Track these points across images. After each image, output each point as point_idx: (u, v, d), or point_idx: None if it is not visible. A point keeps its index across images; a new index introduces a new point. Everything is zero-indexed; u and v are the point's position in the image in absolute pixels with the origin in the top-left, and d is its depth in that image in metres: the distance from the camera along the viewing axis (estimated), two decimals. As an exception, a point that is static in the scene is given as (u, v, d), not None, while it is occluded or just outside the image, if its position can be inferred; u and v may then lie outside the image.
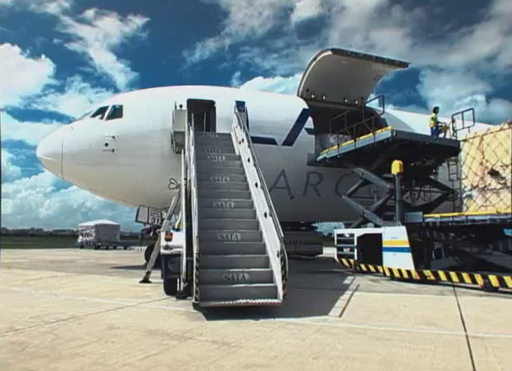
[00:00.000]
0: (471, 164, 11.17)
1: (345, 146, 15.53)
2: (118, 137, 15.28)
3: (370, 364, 4.32)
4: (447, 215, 11.64)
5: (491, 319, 6.75)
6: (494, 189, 10.47)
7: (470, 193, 11.13)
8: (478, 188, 10.87)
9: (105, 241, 41.54)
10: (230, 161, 11.54)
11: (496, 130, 10.61)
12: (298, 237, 23.04)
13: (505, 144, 10.29)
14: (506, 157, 10.26)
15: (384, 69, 18.87)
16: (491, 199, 10.50)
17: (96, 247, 40.57)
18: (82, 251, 35.73)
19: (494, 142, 10.56)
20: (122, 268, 17.01)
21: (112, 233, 42.51)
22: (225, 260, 7.79)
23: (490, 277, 9.85)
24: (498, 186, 10.39)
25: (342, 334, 5.60)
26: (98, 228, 41.40)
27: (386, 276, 12.51)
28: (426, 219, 11.99)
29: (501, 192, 10.30)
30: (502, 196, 10.26)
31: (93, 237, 41.15)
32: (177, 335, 5.57)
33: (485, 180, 10.73)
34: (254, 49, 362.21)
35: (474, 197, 10.96)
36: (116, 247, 42.27)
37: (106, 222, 43.51)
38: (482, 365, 4.28)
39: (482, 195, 10.77)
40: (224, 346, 5.03)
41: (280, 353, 4.73)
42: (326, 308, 7.45)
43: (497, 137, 10.54)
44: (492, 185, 10.53)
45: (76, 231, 45.24)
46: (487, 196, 10.62)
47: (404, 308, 7.75)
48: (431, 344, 5.08)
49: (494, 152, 10.54)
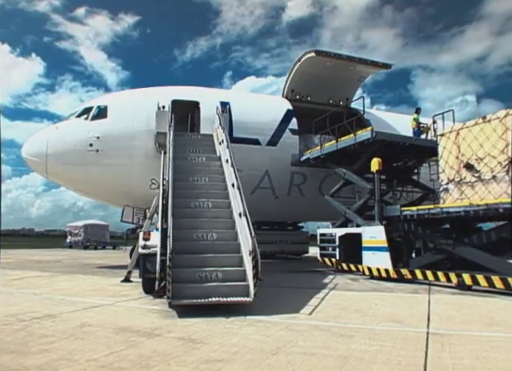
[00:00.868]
0: (448, 158, 11.34)
1: (327, 147, 15.71)
2: (102, 137, 15.35)
3: (326, 359, 4.47)
4: (423, 208, 11.89)
5: (457, 316, 6.91)
6: (469, 183, 10.66)
7: (446, 187, 11.30)
8: (454, 181, 11.04)
9: (93, 241, 41.43)
10: (210, 162, 11.66)
11: (471, 125, 10.80)
12: (284, 237, 23.23)
13: (479, 138, 10.49)
14: (480, 151, 10.45)
15: (368, 70, 19.07)
16: (466, 192, 10.67)
17: (85, 247, 40.44)
18: (70, 251, 35.67)
19: (470, 136, 10.75)
20: (107, 268, 17.08)
21: (101, 232, 42.41)
22: (199, 259, 7.93)
23: (464, 275, 10.05)
24: (472, 179, 10.58)
25: (307, 331, 5.75)
26: (86, 228, 41.29)
27: (366, 275, 12.70)
28: (404, 212, 12.19)
29: (475, 185, 10.48)
30: (476, 189, 10.44)
31: (81, 237, 41.01)
32: (146, 332, 5.70)
33: (460, 173, 10.91)
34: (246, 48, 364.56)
35: (451, 191, 11.13)
36: (105, 247, 42.19)
37: (95, 222, 43.39)
38: (434, 360, 4.44)
39: (457, 188, 10.94)
40: (189, 343, 5.17)
41: (242, 348, 4.88)
42: (299, 306, 7.61)
43: (472, 131, 10.72)
44: (467, 179, 10.71)
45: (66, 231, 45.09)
46: (463, 189, 10.79)
47: (375, 306, 7.92)
48: (391, 340, 5.24)
49: (470, 146, 10.73)
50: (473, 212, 10.12)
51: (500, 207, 9.57)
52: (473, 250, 10.42)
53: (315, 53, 17.32)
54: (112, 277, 12.63)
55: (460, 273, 10.16)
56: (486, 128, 10.36)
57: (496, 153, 10.05)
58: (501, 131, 9.99)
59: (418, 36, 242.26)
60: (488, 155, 10.24)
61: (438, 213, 11.05)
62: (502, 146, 9.94)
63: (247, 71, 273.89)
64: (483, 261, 10.09)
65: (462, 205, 10.46)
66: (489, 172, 10.19)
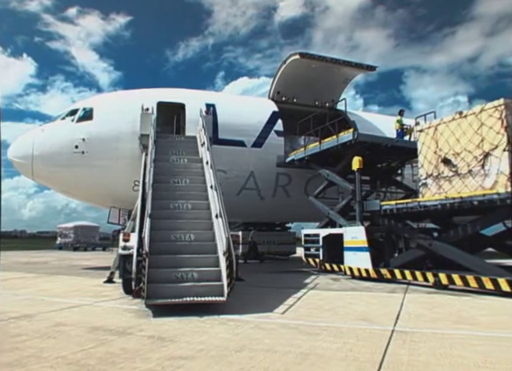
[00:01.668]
0: (426, 153, 11.51)
1: (311, 148, 15.87)
2: (88, 139, 15.43)
3: (287, 356, 4.60)
4: (402, 201, 12.10)
5: (426, 315, 7.06)
6: (446, 177, 10.84)
7: (425, 182, 11.48)
8: (433, 176, 11.21)
9: (83, 242, 41.37)
10: (191, 164, 11.76)
11: (448, 120, 10.98)
12: (272, 238, 23.43)
13: (456, 133, 10.68)
14: (457, 146, 10.64)
15: (353, 72, 19.25)
16: (444, 186, 10.85)
17: (74, 248, 40.40)
18: (59, 253, 35.63)
19: (447, 131, 10.92)
20: (93, 269, 17.15)
21: (91, 234, 42.38)
22: (176, 260, 8.05)
23: (441, 275, 10.22)
24: (450, 174, 10.76)
25: (275, 330, 5.88)
26: (76, 229, 41.24)
27: (347, 275, 12.85)
28: (384, 206, 12.38)
29: (452, 179, 10.66)
30: (453, 183, 10.62)
31: (71, 238, 40.95)
32: (118, 331, 5.83)
33: (438, 168, 11.09)
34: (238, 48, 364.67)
35: (429, 185, 11.30)
36: (95, 248, 42.16)
37: (85, 224, 43.34)
38: (391, 356, 4.58)
39: (436, 183, 11.11)
40: (158, 341, 5.30)
41: (208, 346, 5.01)
42: (274, 305, 7.74)
43: (449, 126, 10.90)
44: (445, 173, 10.89)
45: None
46: (440, 183, 10.97)
47: (349, 305, 8.07)
48: (355, 338, 5.38)
49: (447, 141, 10.90)
50: (449, 205, 10.34)
51: (474, 200, 9.79)
52: (448, 247, 10.58)
53: (300, 56, 17.49)
54: (96, 278, 12.71)
55: (437, 273, 10.33)
56: (463, 123, 10.57)
57: (472, 148, 10.25)
58: (476, 126, 10.20)
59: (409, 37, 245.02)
60: (464, 150, 10.44)
61: (416, 207, 11.25)
62: (477, 141, 10.14)
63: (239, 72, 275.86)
64: (459, 259, 10.26)
65: (439, 198, 10.68)
66: (465, 166, 10.39)
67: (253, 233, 22.59)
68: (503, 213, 9.86)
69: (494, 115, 9.86)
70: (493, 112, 9.90)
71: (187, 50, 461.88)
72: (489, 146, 9.86)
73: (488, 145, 9.88)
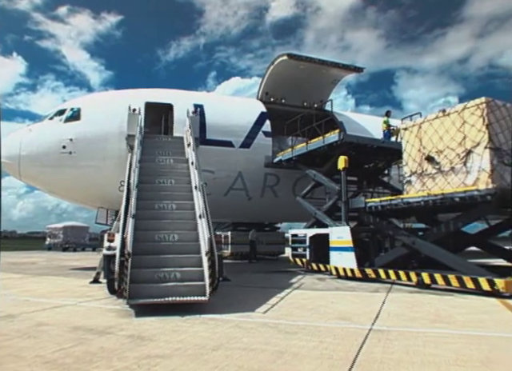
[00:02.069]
0: (411, 151, 11.66)
1: (298, 149, 15.98)
2: (75, 139, 15.41)
3: (263, 354, 4.67)
4: (386, 199, 12.26)
5: (405, 314, 7.15)
6: (430, 174, 10.99)
7: (409, 179, 11.63)
8: (417, 173, 11.36)
9: (73, 242, 41.15)
10: (177, 164, 11.80)
11: (432, 118, 11.14)
12: (260, 238, 23.46)
13: (439, 131, 10.83)
14: (440, 144, 10.79)
15: (340, 73, 19.38)
16: (428, 184, 10.99)
17: (63, 249, 40.21)
18: (48, 253, 35.47)
19: (431, 130, 11.07)
20: (81, 269, 17.11)
21: (81, 234, 42.17)
22: (159, 260, 8.10)
23: (423, 274, 10.34)
24: (433, 171, 10.91)
25: (254, 329, 5.95)
26: (66, 229, 41.02)
27: (333, 274, 12.95)
28: (369, 204, 12.53)
29: (436, 176, 10.81)
30: (437, 180, 10.77)
31: (61, 238, 40.73)
32: (99, 330, 5.88)
33: (422, 165, 11.23)
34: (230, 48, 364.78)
35: (413, 183, 11.45)
36: (84, 249, 41.97)
37: (75, 224, 43.11)
38: (365, 354, 4.66)
39: (419, 180, 11.26)
40: (137, 340, 5.35)
41: (186, 345, 5.07)
42: (257, 305, 7.81)
43: (432, 124, 11.05)
44: (428, 171, 11.04)
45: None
46: (424, 180, 11.12)
47: (331, 304, 8.15)
48: (332, 337, 5.46)
49: (430, 139, 11.05)
50: (431, 201, 10.52)
51: (455, 196, 9.97)
52: (431, 246, 10.72)
53: (288, 57, 17.59)
54: (82, 279, 12.71)
55: (419, 273, 10.45)
56: (446, 121, 10.73)
57: (454, 146, 10.41)
58: (459, 124, 10.35)
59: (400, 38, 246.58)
60: (447, 147, 10.60)
61: (400, 204, 11.41)
62: (459, 139, 10.30)
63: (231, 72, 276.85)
64: (441, 258, 10.39)
65: (421, 195, 10.86)
66: (448, 164, 10.55)
67: (253, 232, 22.68)
68: (484, 210, 10.02)
69: (475, 113, 10.03)
70: (475, 110, 10.06)
71: (179, 50, 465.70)
72: (471, 144, 10.02)
73: (470, 142, 10.03)
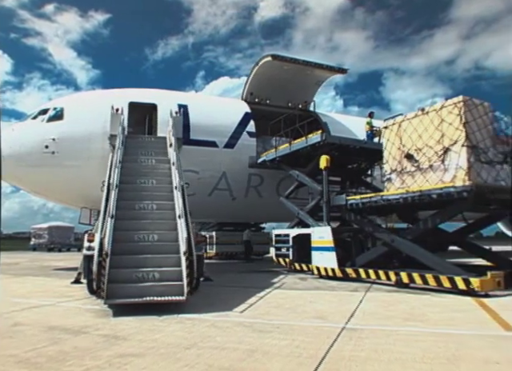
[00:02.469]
0: (391, 149, 11.82)
1: (281, 149, 16.06)
2: (58, 139, 15.34)
3: (234, 352, 4.75)
4: (366, 196, 12.43)
5: (380, 313, 7.26)
6: (409, 172, 11.15)
7: (389, 177, 11.79)
8: (397, 171, 11.53)
9: (58, 243, 40.88)
10: (159, 165, 11.81)
11: (411, 117, 11.31)
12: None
13: (418, 129, 11.00)
14: (419, 142, 10.95)
15: (325, 74, 19.51)
16: (407, 181, 11.16)
17: (48, 249, 39.94)
18: (33, 253, 35.25)
19: (410, 128, 11.24)
20: (64, 269, 17.05)
21: (66, 234, 41.87)
22: (137, 260, 8.13)
23: (402, 274, 10.47)
24: (412, 169, 11.07)
25: (230, 328, 6.02)
26: (51, 230, 40.75)
27: (315, 274, 13.06)
28: (349, 201, 12.69)
29: (415, 174, 10.98)
30: (416, 178, 10.94)
31: (46, 239, 40.46)
32: (75, 330, 5.92)
33: (402, 163, 11.40)
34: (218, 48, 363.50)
35: (393, 180, 11.61)
36: (70, 249, 41.67)
37: (60, 224, 42.82)
38: (335, 352, 4.75)
39: (399, 178, 11.43)
40: (112, 339, 5.40)
41: (160, 344, 5.13)
42: (235, 304, 7.88)
43: (412, 123, 11.22)
44: (408, 168, 11.20)
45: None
46: (404, 178, 11.28)
47: (309, 304, 8.24)
48: (305, 335, 5.55)
49: (410, 137, 11.21)
50: (410, 198, 10.69)
51: (432, 193, 10.14)
52: (409, 244, 10.89)
53: (272, 58, 17.68)
54: (64, 279, 12.67)
55: (398, 272, 10.58)
56: (425, 120, 10.90)
57: (433, 144, 10.58)
58: (437, 122, 10.53)
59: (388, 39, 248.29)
60: (426, 145, 10.77)
61: (379, 201, 11.59)
62: (438, 137, 10.47)
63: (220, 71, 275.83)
64: (419, 256, 10.55)
65: (400, 192, 11.03)
66: (426, 161, 10.72)
67: (247, 232, 22.81)
68: (460, 206, 10.19)
69: (453, 112, 10.20)
70: (452, 108, 10.24)
71: (167, 49, 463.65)
72: (448, 142, 10.19)
73: (448, 140, 10.21)
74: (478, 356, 4.61)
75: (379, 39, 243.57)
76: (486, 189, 9.78)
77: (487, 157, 10.16)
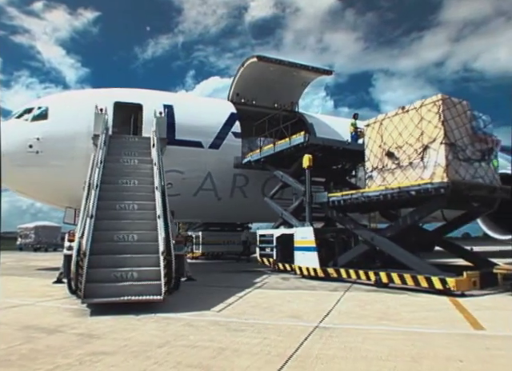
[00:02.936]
0: (372, 147, 11.97)
1: (266, 150, 16.14)
2: (42, 139, 15.30)
3: (205, 350, 4.83)
4: (347, 193, 12.56)
5: (355, 312, 7.36)
6: (390, 169, 11.31)
7: (371, 174, 11.94)
8: (378, 169, 11.68)
9: (44, 242, 40.64)
10: (142, 165, 11.83)
11: (392, 115, 11.46)
12: (231, 238, 23.68)
13: (399, 127, 11.16)
14: (399, 140, 11.11)
15: (310, 76, 19.61)
16: (388, 178, 11.31)
17: (35, 249, 39.70)
18: (19, 253, 35.02)
19: (391, 126, 11.40)
20: (48, 269, 16.99)
21: (52, 234, 41.57)
22: (116, 259, 8.18)
23: (381, 273, 10.60)
24: (393, 166, 11.23)
25: (205, 327, 6.10)
26: (37, 229, 40.50)
27: (298, 274, 13.15)
28: (331, 198, 12.82)
29: (395, 171, 11.14)
30: (396, 175, 11.10)
31: (32, 239, 40.20)
32: (50, 329, 5.97)
33: (383, 161, 11.55)
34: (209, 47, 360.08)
35: (374, 178, 11.77)
36: (56, 249, 41.38)
37: (47, 224, 42.50)
38: (303, 350, 4.84)
39: (380, 175, 11.59)
40: (86, 338, 5.46)
41: (133, 342, 5.20)
42: (214, 304, 7.96)
43: (392, 121, 11.38)
44: (388, 166, 11.36)
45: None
46: (385, 175, 11.44)
47: (287, 303, 8.33)
48: (277, 334, 5.63)
49: (391, 135, 11.37)
50: (389, 195, 10.86)
51: (411, 189, 10.31)
52: (388, 242, 11.04)
53: (257, 59, 17.73)
54: (47, 279, 12.66)
55: (378, 272, 10.71)
56: (405, 118, 11.08)
57: (413, 141, 10.74)
58: (417, 120, 10.70)
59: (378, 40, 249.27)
60: (406, 143, 10.93)
61: (360, 198, 11.74)
62: (417, 135, 10.64)
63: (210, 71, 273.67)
64: (397, 256, 10.69)
65: (379, 189, 11.21)
66: (406, 159, 10.89)
67: (245, 232, 22.93)
68: (438, 203, 10.33)
69: (432, 110, 10.38)
70: (431, 107, 10.41)
71: (156, 48, 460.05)
72: (427, 139, 10.36)
73: (427, 138, 10.38)
74: (443, 354, 4.72)
75: (369, 40, 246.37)
76: (463, 185, 9.96)
77: (465, 155, 10.35)
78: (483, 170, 10.73)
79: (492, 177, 10.91)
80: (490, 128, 11.20)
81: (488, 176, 10.80)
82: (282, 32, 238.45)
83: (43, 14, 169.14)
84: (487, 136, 11.07)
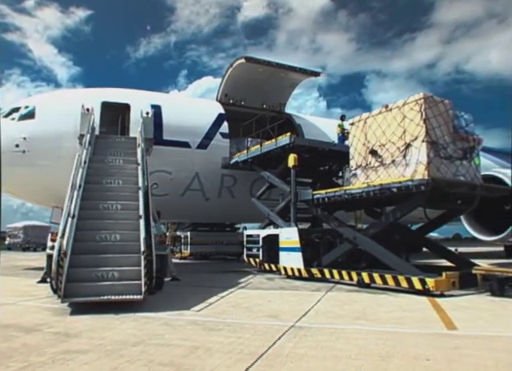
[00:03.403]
0: (357, 145, 12.14)
1: (252, 151, 16.22)
2: (29, 138, 15.28)
3: (178, 349, 4.90)
4: (331, 190, 12.65)
5: (334, 312, 7.45)
6: (373, 167, 11.45)
7: (355, 172, 12.08)
8: (362, 167, 11.82)
9: (33, 242, 40.43)
10: (126, 165, 11.85)
11: (376, 113, 11.62)
12: (220, 238, 23.76)
13: (382, 126, 11.30)
14: (383, 138, 11.26)
15: (298, 77, 19.69)
16: (371, 176, 11.45)
17: (23, 249, 39.52)
18: (7, 253, 34.79)
19: (374, 124, 11.56)
20: (35, 269, 16.90)
21: (42, 234, 41.13)
22: (98, 259, 8.24)
23: (363, 274, 10.71)
24: (376, 164, 11.37)
25: (182, 326, 6.17)
26: (26, 229, 40.31)
27: (282, 274, 13.24)
28: (315, 195, 12.98)
29: (378, 169, 11.28)
30: (379, 173, 11.23)
31: (21, 238, 40.01)
32: (28, 328, 6.02)
33: (366, 159, 11.69)
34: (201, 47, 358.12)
35: (358, 176, 11.92)
36: (45, 249, 41.07)
37: (36, 223, 42.26)
38: (276, 349, 4.92)
39: (364, 173, 11.73)
40: (63, 337, 5.52)
41: (108, 341, 5.26)
42: (195, 304, 8.02)
43: (376, 119, 11.54)
44: (372, 164, 11.50)
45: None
46: (368, 173, 11.58)
47: (268, 303, 8.40)
48: (252, 333, 5.71)
49: (374, 133, 11.52)
50: (372, 192, 10.99)
51: (392, 187, 10.48)
52: (371, 242, 11.19)
53: (245, 60, 17.80)
54: (32, 278, 12.66)
55: (360, 272, 10.82)
56: (388, 116, 11.24)
57: (395, 140, 10.90)
58: (400, 119, 10.86)
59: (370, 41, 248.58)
60: (389, 141, 11.09)
61: (343, 195, 11.91)
62: (400, 133, 10.80)
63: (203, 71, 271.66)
64: (379, 255, 10.84)
65: (362, 186, 11.36)
66: (389, 157, 11.05)
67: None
68: (418, 200, 10.49)
69: (414, 108, 10.53)
70: (414, 105, 10.56)
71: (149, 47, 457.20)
72: (410, 137, 10.51)
73: (409, 136, 10.53)
74: (412, 353, 4.82)
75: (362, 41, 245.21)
76: (443, 182, 10.12)
77: (447, 153, 10.52)
78: (464, 168, 10.90)
79: (473, 175, 11.09)
80: (472, 127, 11.39)
81: (469, 174, 10.97)
82: (274, 32, 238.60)
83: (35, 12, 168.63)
84: (469, 135, 11.24)
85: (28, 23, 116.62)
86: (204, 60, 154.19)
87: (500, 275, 9.34)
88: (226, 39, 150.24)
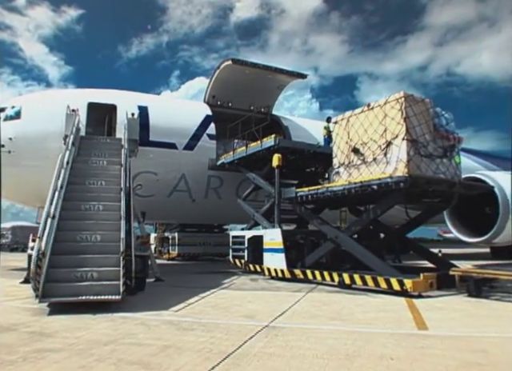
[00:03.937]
0: (339, 143, 12.29)
1: (238, 152, 16.31)
2: (15, 138, 15.26)
3: (149, 348, 4.99)
4: (314, 188, 12.77)
5: (310, 312, 7.56)
6: (355, 165, 11.60)
7: (338, 170, 12.22)
8: (344, 165, 11.97)
9: (22, 243, 40.13)
10: (110, 166, 11.89)
11: (358, 112, 11.78)
12: (208, 239, 23.79)
13: (364, 124, 11.46)
14: (365, 136, 11.43)
15: (285, 79, 19.77)
16: (353, 174, 11.61)
17: (11, 249, 39.29)
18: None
19: (357, 123, 11.72)
20: (20, 270, 16.88)
21: (30, 235, 41.09)
22: (77, 260, 8.29)
23: (344, 275, 10.82)
24: (358, 162, 11.52)
25: (157, 326, 6.24)
26: (14, 230, 40.05)
27: (266, 275, 13.33)
28: (299, 193, 13.11)
29: (360, 167, 11.44)
30: (361, 171, 11.39)
31: (9, 239, 39.79)
32: (4, 328, 6.10)
33: (349, 157, 11.84)
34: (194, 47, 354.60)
35: (341, 174, 12.08)
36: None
37: (24, 224, 41.99)
38: (245, 348, 5.01)
39: (346, 171, 11.90)
40: (37, 336, 5.59)
41: (81, 341, 5.33)
42: (174, 304, 8.09)
43: (358, 118, 11.70)
44: (354, 162, 11.65)
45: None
46: (350, 171, 11.74)
47: (247, 303, 8.51)
48: (224, 332, 5.80)
49: (357, 132, 11.69)
50: (353, 189, 11.14)
51: (372, 184, 10.62)
52: (352, 242, 11.41)
53: (232, 62, 17.87)
54: (16, 279, 12.62)
55: (341, 273, 10.94)
56: (370, 115, 11.41)
57: (377, 138, 11.07)
58: (381, 117, 11.03)
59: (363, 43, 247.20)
60: (371, 139, 11.26)
61: (326, 192, 12.04)
62: (381, 131, 10.97)
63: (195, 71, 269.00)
64: (359, 256, 10.99)
65: (343, 183, 11.53)
66: (371, 155, 11.21)
67: None
68: (396, 197, 10.67)
69: (395, 107, 10.71)
70: (394, 104, 10.74)
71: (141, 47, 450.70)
72: (390, 136, 10.69)
73: (390, 134, 10.70)
74: (378, 352, 4.92)
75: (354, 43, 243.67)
76: (422, 179, 10.27)
77: (427, 151, 10.70)
78: (445, 166, 11.07)
79: (454, 173, 11.26)
80: (452, 125, 11.55)
81: (450, 172, 11.14)
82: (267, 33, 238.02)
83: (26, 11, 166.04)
84: (449, 133, 11.40)
85: (19, 22, 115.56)
86: (196, 60, 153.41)
87: (476, 276, 9.49)
88: (219, 40, 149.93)
